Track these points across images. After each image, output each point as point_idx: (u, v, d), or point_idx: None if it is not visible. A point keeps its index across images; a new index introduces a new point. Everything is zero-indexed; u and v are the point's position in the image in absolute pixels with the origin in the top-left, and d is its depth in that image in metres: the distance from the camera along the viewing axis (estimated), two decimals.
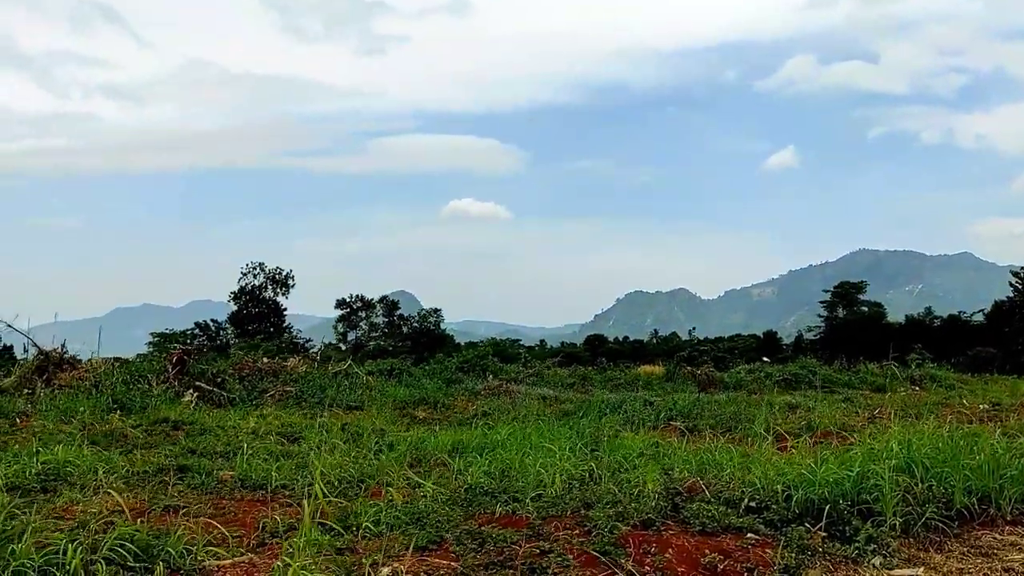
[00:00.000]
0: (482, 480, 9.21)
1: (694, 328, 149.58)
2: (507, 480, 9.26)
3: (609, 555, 6.35)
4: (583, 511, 7.50)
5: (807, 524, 7.16)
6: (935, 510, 7.44)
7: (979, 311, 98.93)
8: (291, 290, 72.79)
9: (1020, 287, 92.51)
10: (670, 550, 6.56)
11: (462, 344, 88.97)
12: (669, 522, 7.16)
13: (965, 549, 7.17)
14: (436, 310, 66.03)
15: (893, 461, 8.19)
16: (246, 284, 73.93)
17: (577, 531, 7.02)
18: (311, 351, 55.47)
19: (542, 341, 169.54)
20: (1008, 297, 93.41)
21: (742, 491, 7.79)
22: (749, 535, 6.87)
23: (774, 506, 7.40)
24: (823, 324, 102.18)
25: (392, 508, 7.78)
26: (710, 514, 7.14)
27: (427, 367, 33.58)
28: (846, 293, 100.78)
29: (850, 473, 7.70)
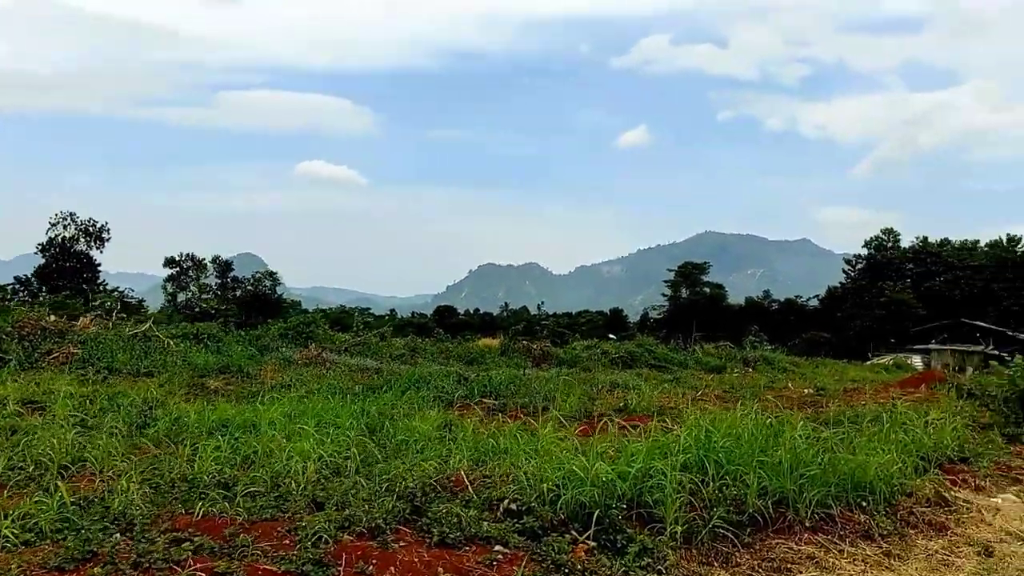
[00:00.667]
0: (216, 468, 7.55)
1: (543, 303, 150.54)
2: (252, 469, 7.64)
3: None
4: (305, 514, 5.98)
5: (574, 532, 5.89)
6: (724, 515, 6.33)
7: (814, 296, 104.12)
8: (107, 244, 67.05)
9: (852, 274, 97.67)
10: (392, 569, 5.12)
11: (309, 311, 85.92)
12: (405, 529, 5.71)
13: (756, 562, 6.09)
14: (272, 273, 62.49)
15: (683, 456, 7.08)
16: (55, 236, 67.62)
17: (286, 541, 5.49)
18: (143, 311, 51.46)
19: (392, 311, 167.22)
20: (841, 283, 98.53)
21: (506, 489, 6.45)
22: (497, 548, 5.51)
23: (539, 509, 6.09)
24: (667, 303, 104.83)
25: (60, 507, 6.01)
26: (456, 520, 5.74)
27: (243, 333, 31.11)
28: (689, 274, 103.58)
29: (630, 470, 6.48)
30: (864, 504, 7.21)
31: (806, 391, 22.50)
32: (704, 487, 6.72)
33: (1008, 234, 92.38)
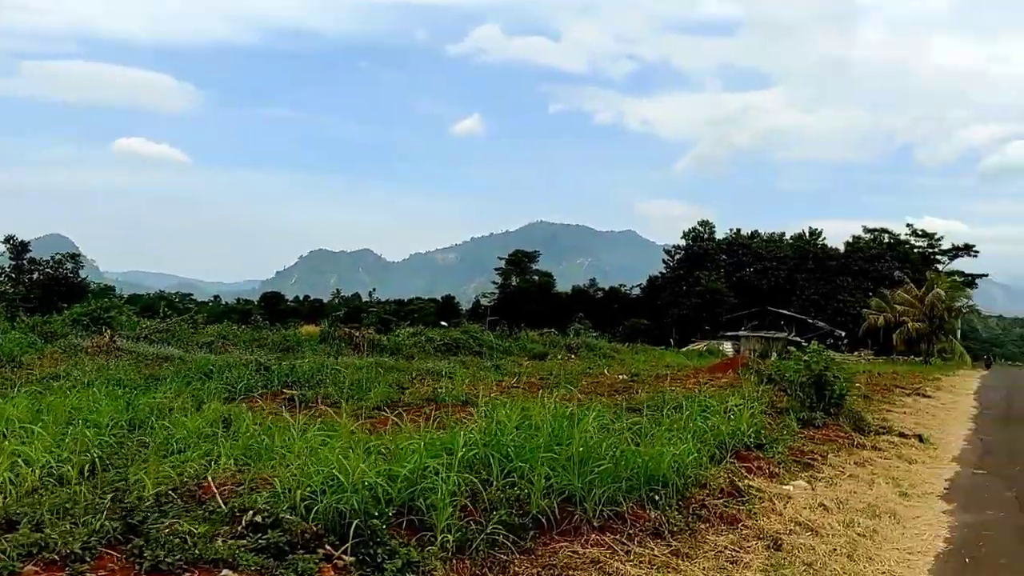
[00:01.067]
0: None
1: (374, 290, 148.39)
2: None
3: None
4: None
5: (329, 547, 5.11)
6: (506, 519, 5.73)
7: (637, 285, 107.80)
8: None
9: (672, 264, 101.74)
10: None
11: (123, 296, 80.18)
12: (112, 554, 4.74)
13: (535, 570, 5.52)
14: (74, 255, 57.70)
15: (470, 452, 6.46)
16: None
17: None
18: None
19: (216, 297, 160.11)
20: (661, 273, 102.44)
21: (258, 497, 5.58)
22: (224, 573, 4.65)
23: (290, 521, 5.25)
24: (498, 291, 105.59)
25: None
26: (180, 540, 4.83)
27: (26, 319, 28.24)
28: (519, 261, 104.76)
29: (403, 470, 5.77)
30: (657, 499, 6.83)
31: (620, 377, 22.68)
32: (487, 487, 6.11)
33: (810, 228, 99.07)
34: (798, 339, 78.62)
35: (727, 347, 75.98)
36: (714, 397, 12.39)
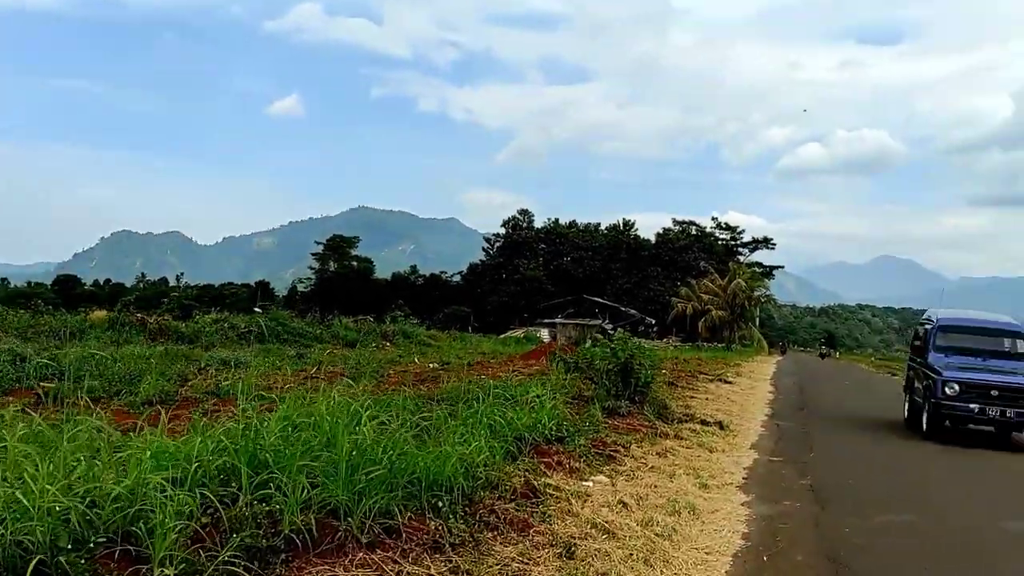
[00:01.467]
0: None
1: (182, 274, 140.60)
2: None
3: None
4: None
5: None
6: (250, 541, 4.77)
7: (458, 272, 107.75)
8: None
9: (492, 252, 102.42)
10: None
11: None
12: None
13: None
14: None
15: (219, 460, 5.44)
16: None
17: None
18: None
19: (4, 279, 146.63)
20: (481, 260, 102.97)
21: None
22: None
23: None
24: (315, 277, 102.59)
25: None
26: None
27: None
28: (338, 247, 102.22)
29: (118, 488, 4.67)
30: (440, 506, 6.06)
31: (431, 365, 21.95)
32: (232, 505, 5.11)
33: (624, 219, 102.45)
34: (611, 326, 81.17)
35: (544, 334, 77.29)
36: (519, 387, 11.82)
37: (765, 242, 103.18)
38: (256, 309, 70.28)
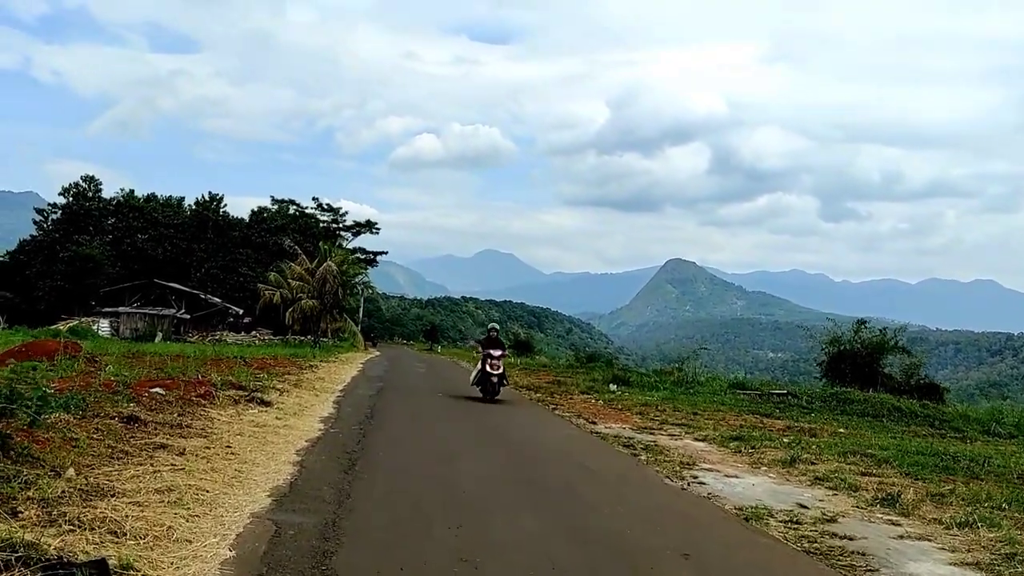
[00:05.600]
0: None
1: None
2: None
3: None
4: None
5: None
6: None
7: (6, 252, 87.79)
8: None
9: (47, 226, 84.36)
10: None
11: None
12: None
13: None
14: None
15: None
16: None
17: None
18: None
19: None
20: (32, 236, 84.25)
21: None
22: None
23: None
24: None
25: None
26: None
27: None
28: None
29: None
30: None
31: None
32: None
33: (211, 192, 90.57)
34: (188, 316, 70.38)
35: (104, 325, 64.55)
36: None
37: (369, 226, 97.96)
38: None
